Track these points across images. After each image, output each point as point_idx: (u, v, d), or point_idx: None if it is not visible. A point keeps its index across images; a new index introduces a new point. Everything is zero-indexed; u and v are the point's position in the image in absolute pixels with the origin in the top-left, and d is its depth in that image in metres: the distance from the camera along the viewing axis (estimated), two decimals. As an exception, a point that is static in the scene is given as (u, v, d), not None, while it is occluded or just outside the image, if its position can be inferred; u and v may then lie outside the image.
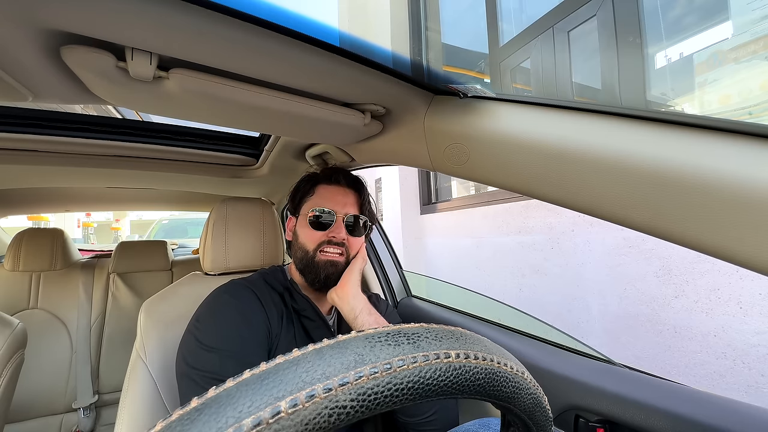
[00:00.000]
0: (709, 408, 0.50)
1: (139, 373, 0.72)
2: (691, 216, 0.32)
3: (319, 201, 0.74)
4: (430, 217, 3.07)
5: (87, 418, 1.47)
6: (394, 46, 1.70)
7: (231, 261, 0.87)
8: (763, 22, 1.05)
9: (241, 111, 0.53)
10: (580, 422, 0.60)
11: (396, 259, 1.19)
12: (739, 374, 1.26)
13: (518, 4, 2.04)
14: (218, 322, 0.64)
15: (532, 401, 0.25)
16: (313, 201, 0.74)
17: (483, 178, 0.51)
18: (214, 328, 0.63)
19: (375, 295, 0.92)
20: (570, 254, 1.83)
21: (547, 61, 1.74)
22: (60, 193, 1.42)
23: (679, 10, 1.35)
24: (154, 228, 4.81)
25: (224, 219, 0.89)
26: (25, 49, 0.38)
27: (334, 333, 0.78)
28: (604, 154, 0.37)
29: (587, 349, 0.74)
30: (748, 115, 1.10)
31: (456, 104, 0.52)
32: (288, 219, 0.79)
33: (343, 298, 0.69)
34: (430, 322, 0.24)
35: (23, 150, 0.80)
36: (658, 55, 1.36)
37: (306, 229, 0.73)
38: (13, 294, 1.46)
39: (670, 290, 1.45)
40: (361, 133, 0.64)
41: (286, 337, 0.69)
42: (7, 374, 0.85)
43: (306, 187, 0.77)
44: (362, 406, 0.18)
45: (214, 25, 0.36)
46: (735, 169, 0.30)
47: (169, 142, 0.87)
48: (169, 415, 0.16)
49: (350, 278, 0.71)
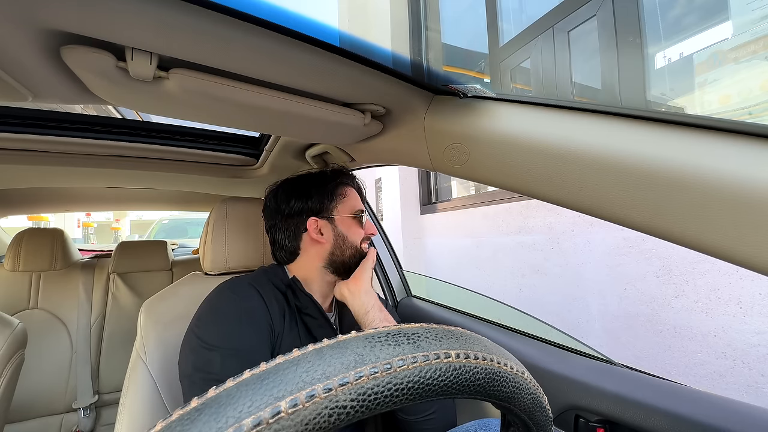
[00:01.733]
0: (709, 408, 0.50)
1: (139, 373, 0.72)
2: (691, 216, 0.32)
3: (354, 202, 0.78)
4: (430, 217, 3.07)
5: (87, 418, 1.47)
6: (394, 46, 1.70)
7: (231, 261, 0.87)
8: (763, 22, 1.05)
9: (241, 111, 0.53)
10: (580, 422, 0.60)
11: (396, 259, 1.19)
12: (739, 374, 1.26)
13: (518, 4, 2.05)
14: (220, 319, 0.64)
15: (532, 401, 0.25)
16: (350, 202, 0.78)
17: (483, 178, 0.51)
18: (215, 326, 0.63)
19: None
20: (570, 254, 1.83)
21: (547, 61, 1.74)
22: (60, 193, 1.42)
23: (679, 10, 1.35)
24: (154, 228, 4.81)
25: (224, 219, 0.89)
26: (25, 49, 0.38)
27: (337, 331, 0.78)
28: (604, 154, 0.37)
29: (587, 349, 0.74)
30: (748, 115, 1.10)
31: (456, 104, 0.52)
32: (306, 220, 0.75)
33: (355, 293, 0.69)
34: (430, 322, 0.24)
35: (23, 150, 0.80)
36: (658, 55, 1.36)
37: (354, 227, 0.76)
38: (13, 294, 1.46)
39: (670, 290, 1.45)
40: (361, 133, 0.64)
41: (289, 335, 0.68)
42: (7, 374, 0.85)
43: (336, 189, 0.78)
44: (362, 406, 0.18)
45: (214, 25, 0.36)
46: (735, 169, 0.30)
47: (169, 142, 0.87)
48: (169, 415, 0.16)
49: (363, 274, 0.71)
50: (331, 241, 0.74)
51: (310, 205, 0.75)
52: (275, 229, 0.78)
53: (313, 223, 0.74)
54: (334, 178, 0.79)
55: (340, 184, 0.78)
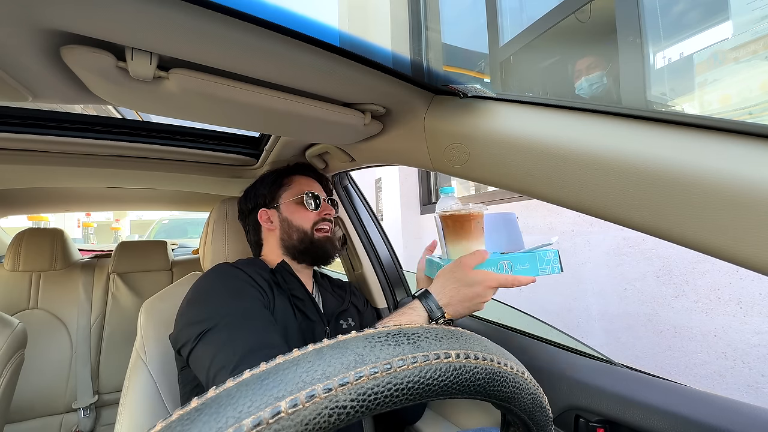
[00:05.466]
0: (709, 408, 0.50)
1: (139, 373, 0.72)
2: (691, 216, 0.32)
3: (301, 187, 0.82)
4: (430, 217, 3.07)
5: (87, 418, 1.47)
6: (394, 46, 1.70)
7: (231, 261, 0.87)
8: (763, 22, 1.05)
9: (241, 111, 0.53)
10: (580, 422, 0.60)
11: (396, 259, 1.19)
12: (739, 374, 1.26)
13: (518, 4, 2.04)
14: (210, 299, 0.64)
15: (532, 401, 0.25)
16: (296, 188, 0.82)
17: (483, 178, 0.51)
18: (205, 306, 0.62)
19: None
20: (570, 254, 1.83)
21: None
22: (60, 193, 1.42)
23: (679, 10, 1.35)
24: (154, 228, 4.81)
25: (224, 219, 0.89)
26: (25, 49, 0.38)
27: (322, 311, 0.80)
28: (604, 154, 0.37)
29: (587, 349, 0.74)
30: (748, 115, 1.10)
31: (456, 104, 0.52)
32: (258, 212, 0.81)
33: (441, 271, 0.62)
34: (430, 322, 0.24)
35: (23, 150, 0.80)
36: (658, 54, 1.36)
37: (300, 212, 0.79)
38: (13, 294, 1.46)
39: (670, 290, 1.45)
40: (361, 133, 0.64)
41: (280, 306, 0.70)
42: (7, 374, 0.85)
43: (280, 179, 0.83)
44: (362, 406, 0.18)
45: (214, 25, 0.36)
46: (735, 169, 0.30)
47: (169, 142, 0.87)
48: (169, 415, 0.16)
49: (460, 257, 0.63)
50: (278, 227, 0.80)
51: (258, 199, 0.82)
52: (246, 229, 0.86)
53: (263, 213, 0.81)
54: (277, 172, 0.85)
55: (286, 174, 0.84)
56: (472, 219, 0.62)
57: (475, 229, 0.63)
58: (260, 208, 0.82)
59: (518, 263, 0.61)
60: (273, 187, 0.83)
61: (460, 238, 0.63)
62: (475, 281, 0.58)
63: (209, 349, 0.56)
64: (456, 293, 0.59)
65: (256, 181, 0.86)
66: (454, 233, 0.64)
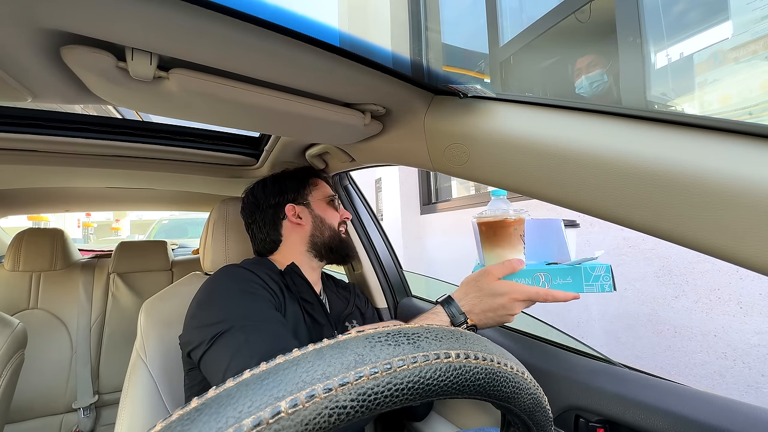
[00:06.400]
0: (709, 408, 0.49)
1: (139, 374, 0.72)
2: (691, 216, 0.32)
3: (326, 189, 0.85)
4: (430, 217, 3.07)
5: (87, 418, 1.47)
6: (394, 46, 1.70)
7: (231, 261, 0.87)
8: (763, 22, 1.05)
9: (241, 111, 0.53)
10: (580, 422, 0.60)
11: (396, 259, 1.19)
12: (739, 374, 1.26)
13: (518, 4, 2.04)
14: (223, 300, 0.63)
15: (532, 401, 0.25)
16: (322, 188, 0.85)
17: (483, 178, 0.51)
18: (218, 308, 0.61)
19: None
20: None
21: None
22: (60, 193, 1.42)
23: (679, 10, 1.35)
24: (154, 228, 4.81)
25: (224, 219, 0.89)
26: (25, 49, 0.38)
27: (330, 313, 0.79)
28: (604, 154, 0.37)
29: (587, 349, 0.74)
30: (748, 115, 1.10)
31: (456, 104, 0.52)
32: (285, 207, 0.80)
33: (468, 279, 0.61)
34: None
35: (23, 150, 0.80)
36: (659, 54, 1.36)
37: (329, 210, 0.82)
38: (13, 294, 1.46)
39: (670, 290, 1.45)
40: (361, 133, 0.64)
41: (291, 308, 0.69)
42: (7, 374, 0.85)
43: (308, 178, 0.85)
44: (362, 406, 0.18)
45: (214, 25, 0.36)
46: (735, 169, 0.30)
47: (169, 142, 0.87)
48: (169, 415, 0.16)
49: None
50: (310, 223, 0.80)
51: (286, 195, 0.81)
52: (255, 224, 0.83)
53: (291, 209, 0.80)
54: (305, 171, 0.87)
55: (310, 175, 0.86)
56: (508, 225, 0.58)
57: (512, 236, 0.58)
58: (288, 203, 0.80)
59: (558, 277, 0.56)
60: (302, 185, 0.83)
61: (495, 246, 0.60)
62: (499, 292, 0.56)
63: (225, 351, 0.55)
64: (478, 302, 0.57)
65: (274, 179, 0.85)
66: (490, 240, 0.60)
